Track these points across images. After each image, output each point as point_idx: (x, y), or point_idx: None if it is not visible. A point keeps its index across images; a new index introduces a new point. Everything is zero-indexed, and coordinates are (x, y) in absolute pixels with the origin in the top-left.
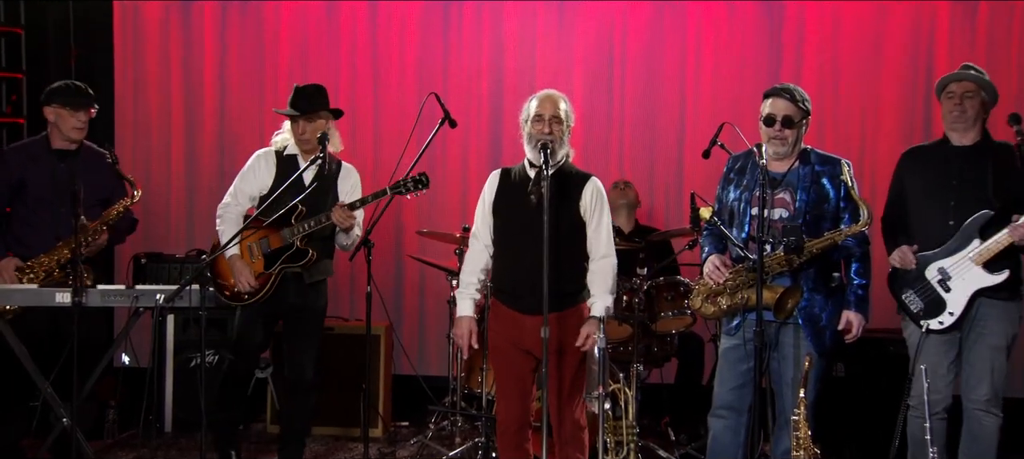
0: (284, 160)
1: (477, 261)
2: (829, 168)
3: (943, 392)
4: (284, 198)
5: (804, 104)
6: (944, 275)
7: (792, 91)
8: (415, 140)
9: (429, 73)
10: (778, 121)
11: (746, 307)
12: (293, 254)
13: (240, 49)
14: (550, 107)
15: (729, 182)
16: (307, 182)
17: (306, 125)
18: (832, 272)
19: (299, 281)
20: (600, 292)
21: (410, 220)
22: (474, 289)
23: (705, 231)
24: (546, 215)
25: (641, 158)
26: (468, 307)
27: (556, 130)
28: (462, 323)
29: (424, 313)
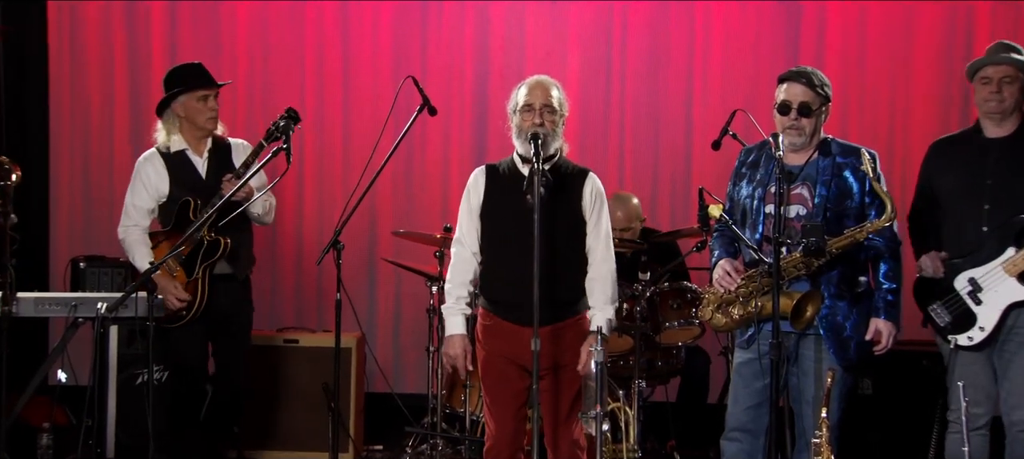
0: (173, 159)
1: (464, 270)
2: (851, 159)
3: (984, 405)
4: (180, 198)
5: (823, 89)
6: (975, 286)
7: (809, 75)
8: (390, 130)
9: (406, 55)
10: (793, 109)
11: (761, 317)
12: (208, 250)
13: (195, 49)
14: (541, 95)
15: (741, 177)
16: (204, 174)
17: (215, 100)
18: (858, 275)
19: (229, 282)
20: (601, 302)
21: (385, 219)
22: (464, 302)
23: (715, 232)
24: (537, 215)
25: (644, 150)
26: (460, 323)
27: (548, 121)
28: (455, 342)
29: (400, 323)
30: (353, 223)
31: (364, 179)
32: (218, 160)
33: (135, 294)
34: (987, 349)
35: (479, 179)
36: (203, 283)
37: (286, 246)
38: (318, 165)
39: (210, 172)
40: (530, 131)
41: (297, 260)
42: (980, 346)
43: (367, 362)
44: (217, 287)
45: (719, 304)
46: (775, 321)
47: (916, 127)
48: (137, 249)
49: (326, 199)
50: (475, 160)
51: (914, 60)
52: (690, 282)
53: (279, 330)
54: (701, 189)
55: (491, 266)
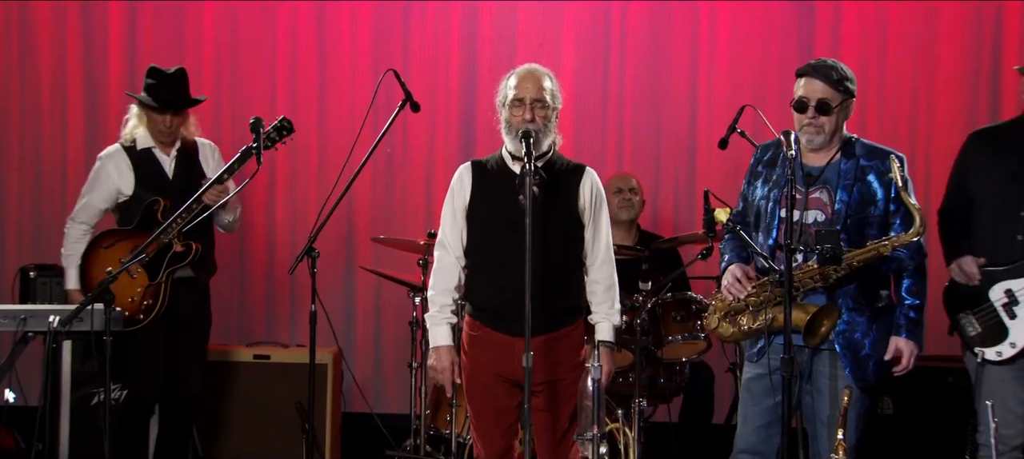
0: (139, 157)
1: (448, 276)
2: (877, 163)
3: (1015, 426)
4: (144, 198)
5: (844, 84)
6: (1011, 298)
7: (830, 68)
8: (369, 127)
9: (387, 46)
10: (811, 105)
11: (772, 329)
12: (175, 253)
13: (156, 50)
14: (532, 87)
15: (757, 176)
16: (171, 174)
17: (174, 119)
18: (879, 289)
19: (190, 286)
20: (605, 309)
21: (363, 223)
22: (449, 311)
23: (726, 237)
24: (529, 217)
25: (644, 148)
26: (445, 334)
27: (540, 116)
28: (442, 354)
29: (380, 337)
30: (329, 228)
31: (341, 181)
32: (186, 160)
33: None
34: (1020, 363)
35: (464, 177)
36: (166, 287)
37: (256, 254)
38: (290, 165)
39: (178, 172)
40: (520, 128)
41: (268, 269)
42: (1009, 361)
43: (344, 379)
44: (178, 291)
45: (727, 312)
46: (787, 334)
47: (940, 130)
48: (73, 248)
49: (299, 202)
50: (462, 160)
51: (938, 60)
52: (694, 293)
53: (248, 345)
54: (706, 191)
55: (478, 271)
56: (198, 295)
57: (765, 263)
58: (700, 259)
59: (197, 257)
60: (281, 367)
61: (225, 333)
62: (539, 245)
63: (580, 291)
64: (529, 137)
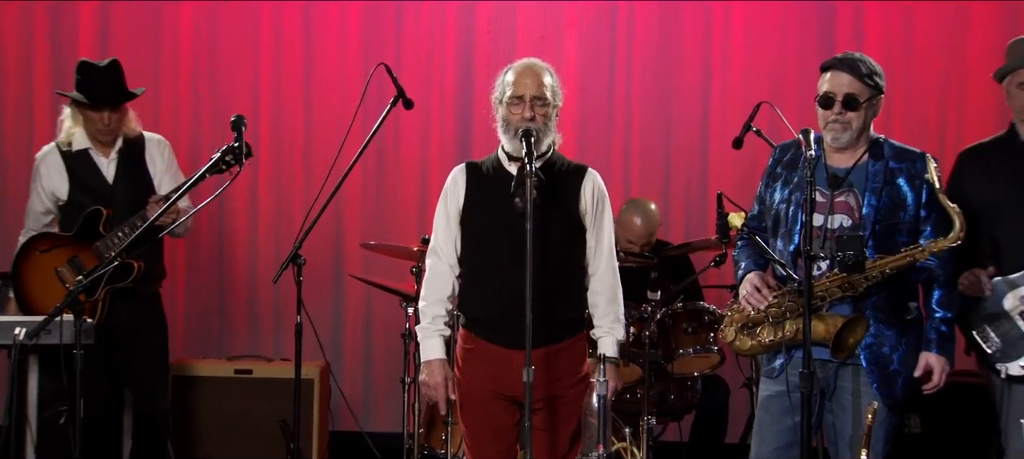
0: (74, 158)
1: (441, 285)
2: (908, 165)
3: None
4: (83, 203)
5: (873, 79)
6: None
7: (857, 62)
8: (358, 126)
9: (378, 39)
10: (838, 101)
11: (794, 342)
12: (116, 271)
13: (131, 51)
14: (532, 83)
15: (776, 178)
16: (111, 179)
17: (112, 115)
18: (908, 300)
19: (130, 297)
20: (608, 321)
21: (352, 229)
22: (442, 322)
23: (740, 242)
24: (529, 223)
25: (652, 149)
26: (438, 347)
27: (540, 114)
28: (435, 368)
29: (371, 350)
30: (315, 234)
31: (329, 183)
32: (129, 162)
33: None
34: None
35: (459, 179)
36: (103, 303)
37: (237, 262)
38: (275, 167)
39: (119, 176)
40: (519, 127)
41: (250, 278)
42: None
43: (332, 396)
44: (117, 305)
45: (745, 324)
46: (806, 346)
47: (971, 133)
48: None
49: (284, 207)
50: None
51: (968, 60)
52: (707, 303)
53: (229, 359)
54: (720, 194)
55: (473, 280)
56: (143, 306)
57: (783, 271)
58: (713, 266)
59: (139, 276)
60: (264, 383)
61: (204, 346)
62: (538, 251)
63: (582, 301)
64: (530, 136)
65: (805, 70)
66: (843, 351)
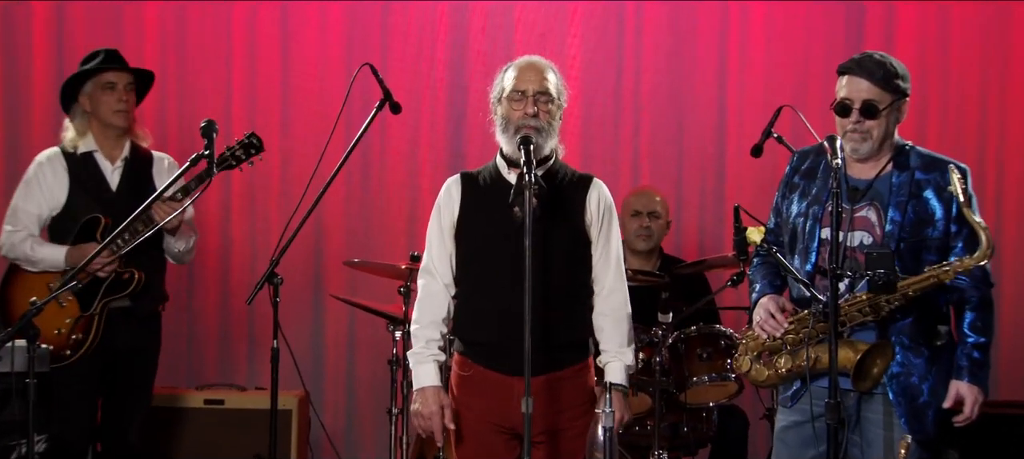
0: (78, 162)
1: (435, 306)
2: (936, 176)
3: None
4: (82, 211)
5: (895, 82)
6: None
7: (876, 64)
8: (341, 132)
9: (362, 37)
10: (855, 109)
11: (815, 371)
12: (113, 282)
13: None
14: (535, 79)
15: (793, 188)
16: (114, 186)
17: (128, 91)
18: (938, 324)
19: (128, 317)
20: (615, 345)
21: (334, 245)
22: (436, 346)
23: (755, 261)
24: (529, 238)
25: (663, 158)
26: (432, 373)
27: (543, 111)
28: (429, 397)
29: (354, 378)
30: (294, 251)
31: (308, 195)
32: (134, 172)
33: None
34: None
35: (453, 190)
36: (100, 320)
37: (207, 281)
38: (249, 177)
39: (123, 184)
40: (519, 124)
41: (222, 298)
42: None
43: (312, 428)
44: (115, 324)
45: (760, 353)
46: (832, 374)
47: (1014, 140)
48: (37, 251)
49: (259, 221)
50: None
51: (1011, 64)
52: (723, 326)
53: (199, 388)
54: (737, 207)
55: (469, 300)
56: (140, 328)
57: (805, 291)
58: (730, 286)
59: (139, 287)
60: (237, 414)
61: (172, 374)
62: (539, 267)
63: (587, 323)
64: (529, 144)
65: (831, 73)
66: (866, 381)
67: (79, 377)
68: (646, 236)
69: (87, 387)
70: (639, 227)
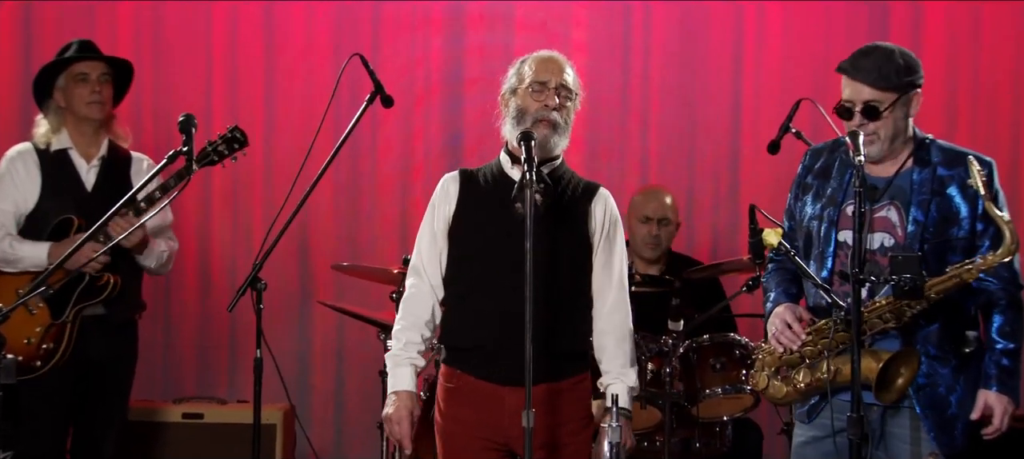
0: (51, 159)
1: (420, 308)
2: (959, 171)
3: None
4: (54, 213)
5: (899, 77)
6: None
7: (875, 63)
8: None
9: (351, 26)
10: (857, 111)
11: (835, 384)
12: (87, 288)
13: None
14: (557, 72)
15: (806, 189)
16: (90, 186)
17: (103, 82)
18: (966, 330)
19: (103, 324)
20: (618, 365)
21: (321, 247)
22: (416, 350)
23: (769, 266)
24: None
25: (674, 155)
26: (408, 377)
27: (563, 105)
28: (400, 402)
29: (343, 390)
30: (279, 254)
31: (294, 194)
32: (112, 172)
33: None
34: None
35: (449, 188)
36: (72, 329)
37: (186, 287)
38: (231, 176)
39: (99, 185)
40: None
41: (201, 306)
42: None
43: (297, 443)
44: (89, 333)
45: (778, 366)
46: (855, 388)
47: None
48: (17, 249)
49: (241, 222)
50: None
51: None
52: (738, 334)
53: (176, 401)
54: (752, 207)
55: (460, 304)
56: (116, 337)
57: (825, 298)
58: (745, 291)
59: (114, 293)
60: (218, 429)
61: (147, 387)
62: (541, 270)
63: (588, 333)
64: (530, 139)
65: None
66: (889, 392)
67: (50, 390)
68: (654, 245)
69: (58, 400)
70: (648, 234)
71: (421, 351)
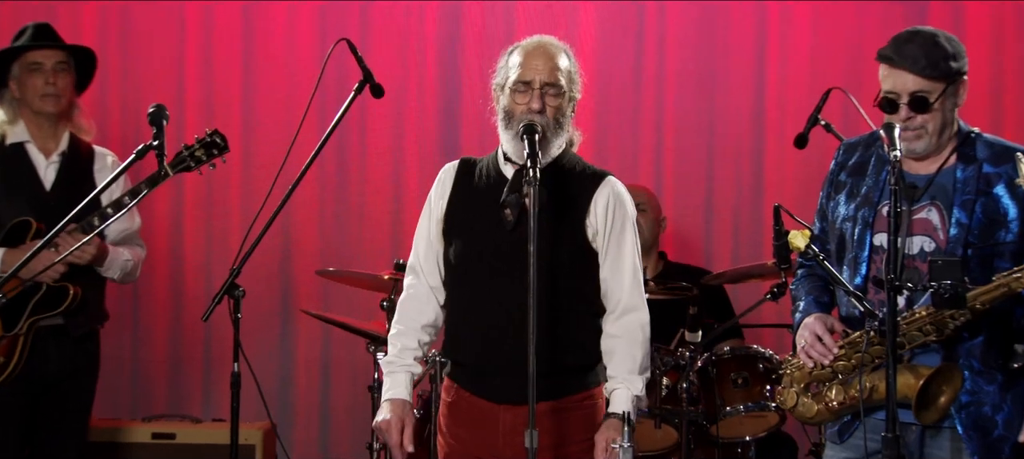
0: (6, 154)
1: (417, 311)
2: (1007, 168)
3: None
4: (8, 212)
5: (947, 63)
6: None
7: (921, 48)
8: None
9: (337, 8)
10: (903, 103)
11: (870, 403)
12: (44, 297)
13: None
14: (543, 66)
15: (839, 188)
16: (48, 184)
17: (58, 71)
18: (1014, 343)
19: (60, 336)
20: (625, 371)
21: (305, 252)
22: (412, 356)
23: (798, 273)
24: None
25: (691, 150)
26: (402, 385)
27: (551, 106)
28: (392, 412)
29: (328, 407)
30: (258, 259)
31: (275, 194)
32: (73, 169)
33: None
34: None
35: (446, 178)
36: (26, 341)
37: (155, 294)
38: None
39: (59, 183)
40: (521, 119)
41: (173, 315)
42: None
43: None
44: (45, 346)
45: (808, 382)
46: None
47: None
48: None
49: (217, 223)
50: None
51: None
52: (762, 347)
53: (145, 420)
54: (777, 207)
55: (455, 312)
56: (75, 350)
57: (858, 308)
58: (769, 299)
59: (74, 303)
60: (191, 450)
61: (113, 404)
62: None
63: (596, 344)
64: (533, 132)
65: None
66: (930, 411)
67: (2, 407)
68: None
69: (11, 418)
70: None
71: (418, 357)
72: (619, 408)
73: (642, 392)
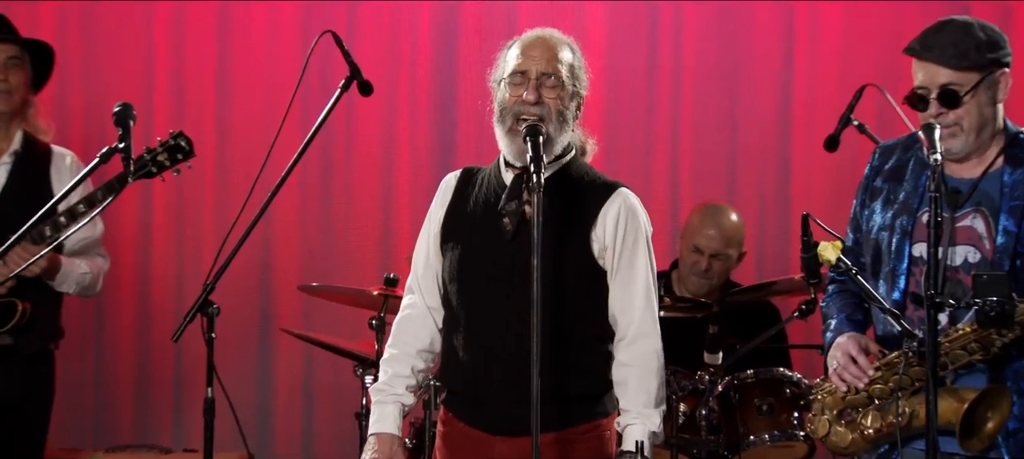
0: None
1: (413, 334)
2: None
3: None
4: None
5: (980, 53)
6: None
7: (951, 39)
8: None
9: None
10: (932, 98)
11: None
12: None
13: None
14: (541, 56)
15: (874, 195)
16: (0, 185)
17: (8, 69)
18: None
19: (9, 357)
20: (639, 404)
21: (286, 266)
22: (403, 385)
23: (829, 288)
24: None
25: (710, 154)
26: (389, 417)
27: (549, 97)
28: (379, 448)
29: (312, 435)
30: (234, 274)
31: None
32: (26, 171)
33: None
34: None
35: (447, 189)
36: None
37: (120, 312)
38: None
39: (11, 187)
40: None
41: (140, 334)
42: None
43: None
44: None
45: (841, 409)
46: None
47: None
48: None
49: (189, 234)
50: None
51: None
52: (790, 370)
53: (109, 450)
54: (805, 216)
55: (451, 335)
56: (26, 372)
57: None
58: (797, 317)
59: (24, 321)
60: None
61: (72, 432)
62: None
63: (604, 370)
64: (537, 134)
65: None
66: (976, 439)
67: None
68: (702, 280)
69: None
70: (694, 265)
71: (410, 386)
72: (634, 439)
73: (659, 428)
